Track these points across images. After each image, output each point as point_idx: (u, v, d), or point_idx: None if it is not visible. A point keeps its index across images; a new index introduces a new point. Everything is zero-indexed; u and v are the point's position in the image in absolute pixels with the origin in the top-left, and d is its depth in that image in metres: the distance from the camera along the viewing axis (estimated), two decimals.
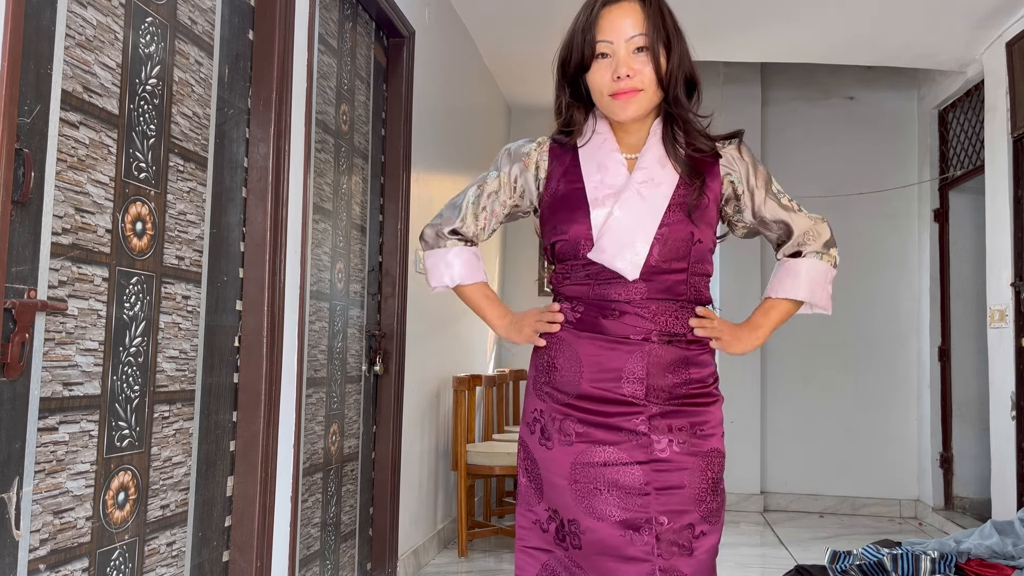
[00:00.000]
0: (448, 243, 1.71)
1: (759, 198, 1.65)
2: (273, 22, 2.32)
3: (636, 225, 1.54)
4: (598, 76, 1.56)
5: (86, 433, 1.66)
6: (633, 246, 1.53)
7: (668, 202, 1.56)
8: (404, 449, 3.46)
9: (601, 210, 1.56)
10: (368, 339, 3.23)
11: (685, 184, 1.58)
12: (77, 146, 1.62)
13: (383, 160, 3.39)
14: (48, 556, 1.57)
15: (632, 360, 1.55)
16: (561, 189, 1.62)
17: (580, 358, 1.58)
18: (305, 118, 2.51)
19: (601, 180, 1.59)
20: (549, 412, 1.60)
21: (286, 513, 2.39)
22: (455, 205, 1.71)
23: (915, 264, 5.46)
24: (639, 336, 1.55)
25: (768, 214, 1.65)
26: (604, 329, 1.56)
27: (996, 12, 4.00)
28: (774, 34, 4.47)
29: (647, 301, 1.55)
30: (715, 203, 1.61)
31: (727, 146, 1.64)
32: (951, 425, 5.17)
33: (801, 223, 1.66)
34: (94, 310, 1.68)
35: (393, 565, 3.33)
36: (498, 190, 1.69)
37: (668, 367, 1.55)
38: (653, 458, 1.53)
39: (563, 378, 1.59)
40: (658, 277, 1.55)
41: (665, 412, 1.55)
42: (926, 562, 2.96)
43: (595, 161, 1.61)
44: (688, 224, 1.56)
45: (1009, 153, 4.10)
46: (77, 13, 1.62)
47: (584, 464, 1.54)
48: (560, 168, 1.64)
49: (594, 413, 1.56)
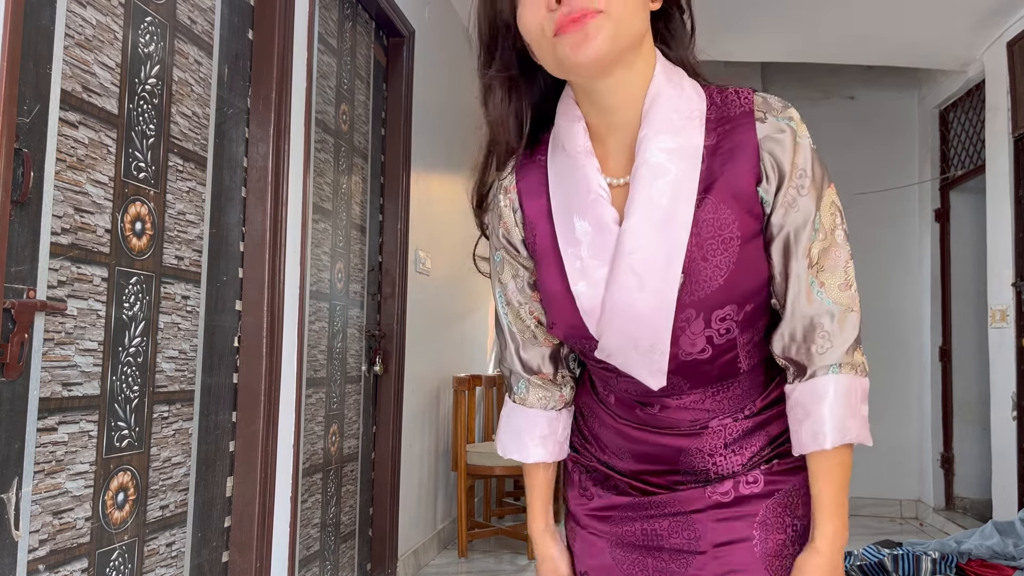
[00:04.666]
0: (517, 394, 1.20)
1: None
2: (273, 22, 2.32)
3: (641, 326, 1.02)
4: (529, 14, 0.97)
5: (85, 433, 1.66)
6: (646, 352, 1.04)
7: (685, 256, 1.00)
8: (404, 449, 3.45)
9: (588, 295, 1.03)
10: (368, 339, 3.23)
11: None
12: (76, 146, 1.62)
13: (383, 160, 3.39)
14: (47, 556, 1.56)
15: (687, 448, 1.11)
16: (537, 245, 1.09)
17: (624, 444, 1.16)
18: (305, 118, 2.51)
19: (574, 238, 1.04)
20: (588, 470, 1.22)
21: (286, 513, 2.39)
22: (502, 330, 1.20)
23: (916, 264, 5.45)
24: (693, 428, 1.10)
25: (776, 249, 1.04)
26: (643, 421, 1.12)
27: (997, 12, 3.99)
28: (774, 34, 4.46)
29: (691, 391, 1.08)
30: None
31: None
32: (952, 425, 5.16)
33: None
34: (93, 310, 1.68)
35: (393, 565, 3.32)
36: (516, 272, 1.14)
37: (736, 443, 1.10)
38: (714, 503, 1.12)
39: (609, 458, 1.18)
40: (699, 368, 1.06)
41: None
42: (927, 562, 2.96)
43: (565, 197, 1.06)
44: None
45: (1010, 153, 4.10)
46: (76, 13, 1.62)
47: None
48: (533, 208, 1.10)
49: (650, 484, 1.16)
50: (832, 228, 1.02)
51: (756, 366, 1.09)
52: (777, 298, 1.04)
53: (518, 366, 1.17)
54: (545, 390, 1.18)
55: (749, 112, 1.01)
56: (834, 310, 1.01)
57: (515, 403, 1.20)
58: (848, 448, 1.04)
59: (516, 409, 1.20)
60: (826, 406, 1.01)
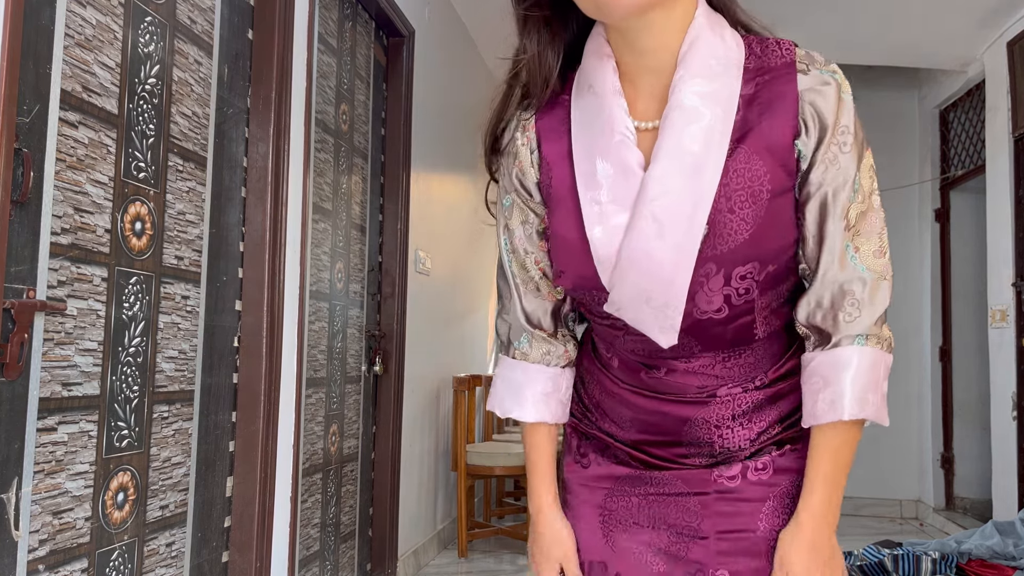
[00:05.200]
0: (517, 349, 1.14)
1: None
2: (273, 21, 2.32)
3: (657, 278, 0.96)
4: None
5: (85, 433, 1.66)
6: (659, 307, 0.99)
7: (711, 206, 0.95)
8: (404, 449, 3.45)
9: (604, 241, 0.98)
10: (368, 339, 3.23)
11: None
12: (76, 146, 1.62)
13: (383, 160, 3.39)
14: (47, 557, 1.56)
15: (692, 418, 1.06)
16: (552, 188, 1.05)
17: (626, 412, 1.11)
18: (305, 118, 2.51)
19: (595, 182, 0.99)
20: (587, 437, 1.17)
21: (285, 513, 2.39)
22: (505, 281, 1.14)
23: (916, 264, 5.45)
24: (700, 395, 1.05)
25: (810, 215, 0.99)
26: (648, 386, 1.07)
27: (997, 12, 3.99)
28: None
29: (702, 354, 1.03)
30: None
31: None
32: (952, 425, 5.16)
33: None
34: (93, 310, 1.68)
35: (393, 566, 3.32)
36: (526, 218, 1.09)
37: (745, 416, 1.05)
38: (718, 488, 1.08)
39: (609, 426, 1.13)
40: (713, 329, 1.01)
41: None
42: (927, 563, 2.96)
43: (588, 138, 1.01)
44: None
45: (1010, 153, 4.10)
46: (76, 12, 1.62)
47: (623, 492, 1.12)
48: (552, 149, 1.05)
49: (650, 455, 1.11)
50: (871, 191, 0.97)
51: (772, 335, 1.04)
52: (807, 261, 0.98)
53: (521, 318, 1.11)
54: (549, 344, 1.12)
55: (791, 63, 0.97)
56: (867, 277, 0.96)
57: (515, 359, 1.13)
58: (859, 426, 0.99)
59: (516, 365, 1.13)
60: (848, 376, 0.96)
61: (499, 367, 1.17)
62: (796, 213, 0.97)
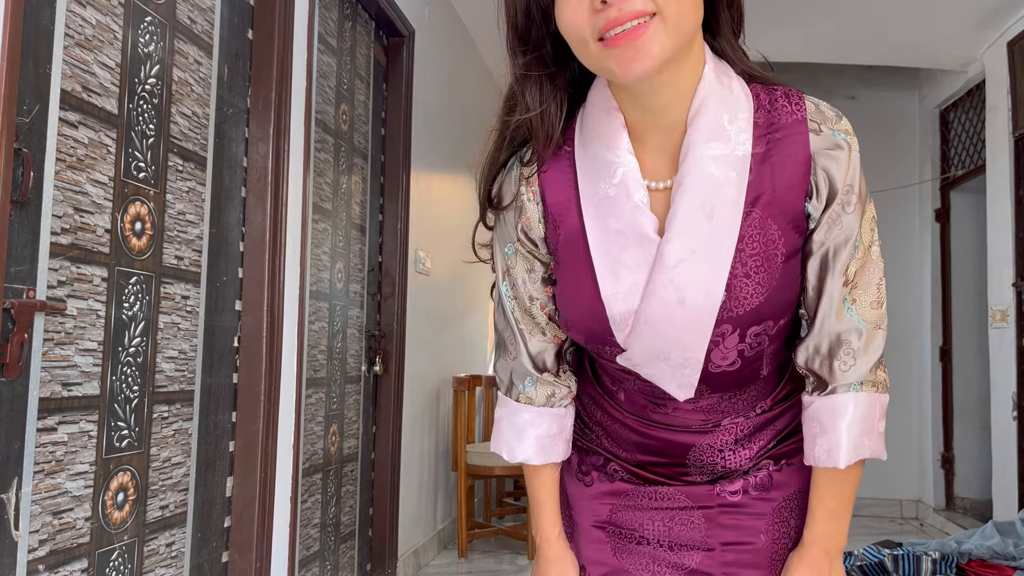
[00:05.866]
0: (522, 393, 1.11)
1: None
2: (272, 21, 2.32)
3: (676, 340, 0.97)
4: (570, 13, 0.88)
5: (85, 433, 1.66)
6: (677, 366, 1.00)
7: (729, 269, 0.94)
8: (404, 449, 3.45)
9: (619, 302, 0.97)
10: (368, 339, 3.23)
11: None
12: (76, 146, 1.62)
13: (383, 160, 3.39)
14: (47, 557, 1.56)
15: (697, 444, 1.09)
16: (560, 242, 1.02)
17: (630, 436, 1.12)
18: (305, 118, 2.51)
19: (608, 242, 0.97)
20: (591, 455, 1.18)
21: (285, 514, 2.39)
22: (508, 326, 1.11)
23: (916, 264, 5.45)
24: (704, 426, 1.07)
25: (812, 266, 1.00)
26: (653, 420, 1.09)
27: (997, 12, 3.99)
28: (774, 34, 4.46)
29: (710, 395, 1.05)
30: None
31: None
32: (952, 425, 5.16)
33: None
34: (93, 310, 1.68)
35: (393, 566, 3.32)
36: (531, 267, 1.07)
37: (746, 438, 1.09)
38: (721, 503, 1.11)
39: (611, 446, 1.15)
40: (725, 378, 1.03)
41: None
42: (927, 563, 2.95)
43: (599, 197, 0.97)
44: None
45: (1010, 153, 4.10)
46: (76, 12, 1.62)
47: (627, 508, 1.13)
48: (558, 202, 1.02)
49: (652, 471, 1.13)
50: (870, 244, 0.98)
51: (774, 370, 1.07)
52: (807, 310, 1.00)
53: (527, 364, 1.09)
54: (553, 387, 1.11)
55: (802, 121, 0.95)
56: (863, 328, 0.98)
57: (520, 403, 1.11)
58: (860, 464, 1.03)
59: (521, 409, 1.11)
60: (844, 424, 0.99)
61: (502, 408, 1.15)
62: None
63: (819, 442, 1.01)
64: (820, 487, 1.04)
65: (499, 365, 1.15)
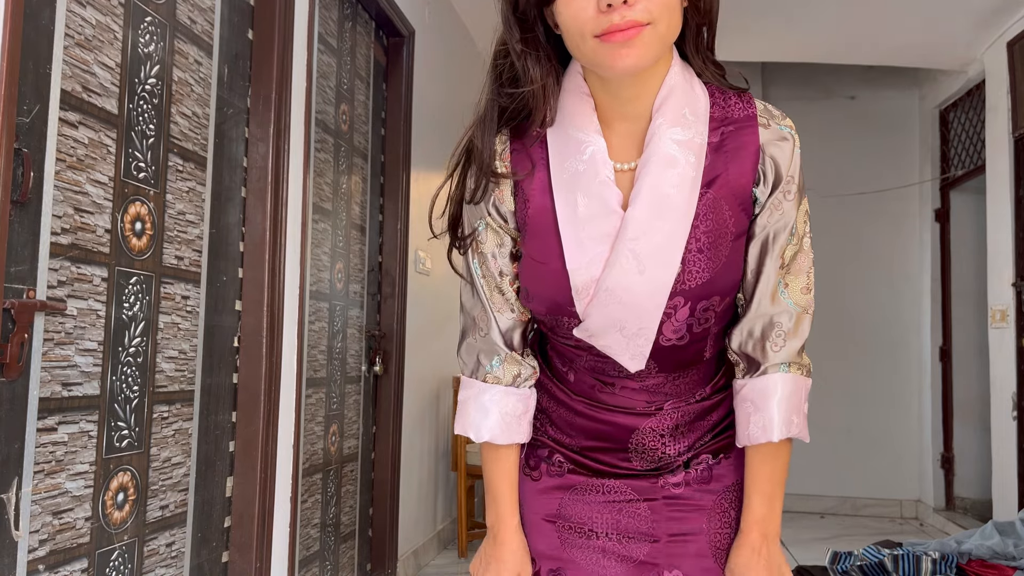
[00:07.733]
0: (489, 373, 1.16)
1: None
2: (272, 21, 2.32)
3: (633, 309, 1.05)
4: (572, 11, 0.98)
5: (85, 433, 1.66)
6: (632, 335, 1.07)
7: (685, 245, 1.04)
8: (404, 449, 3.45)
9: (583, 273, 1.05)
10: (368, 339, 3.23)
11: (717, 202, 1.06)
12: (76, 146, 1.62)
13: (383, 160, 3.39)
14: (47, 557, 1.56)
15: (640, 427, 1.15)
16: (529, 217, 1.10)
17: (575, 420, 1.18)
18: (305, 118, 2.51)
19: (576, 217, 1.06)
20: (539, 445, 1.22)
21: (285, 514, 2.39)
22: (478, 303, 1.16)
23: (916, 264, 5.45)
24: (648, 408, 1.14)
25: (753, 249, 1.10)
26: (600, 400, 1.15)
27: (997, 12, 3.99)
28: (774, 34, 4.46)
29: (657, 374, 1.12)
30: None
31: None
32: (952, 425, 5.16)
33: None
34: (93, 310, 1.68)
35: (393, 566, 3.32)
36: (501, 242, 1.14)
37: (684, 426, 1.16)
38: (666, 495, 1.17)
39: (556, 434, 1.20)
40: (673, 354, 1.11)
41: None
42: (927, 563, 2.96)
43: (569, 174, 1.07)
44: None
45: (1010, 153, 4.10)
46: (76, 13, 1.62)
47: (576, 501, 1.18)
48: (529, 180, 1.10)
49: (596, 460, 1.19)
50: (803, 235, 1.09)
51: (714, 355, 1.15)
52: (744, 293, 1.10)
53: (498, 339, 1.14)
54: (520, 366, 1.15)
55: (752, 117, 1.06)
56: (793, 311, 1.08)
57: (488, 383, 1.15)
58: (788, 444, 1.12)
59: (488, 388, 1.15)
60: (775, 401, 1.08)
61: (467, 390, 1.18)
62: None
63: (753, 419, 1.09)
64: (754, 468, 1.12)
65: (464, 348, 1.19)
